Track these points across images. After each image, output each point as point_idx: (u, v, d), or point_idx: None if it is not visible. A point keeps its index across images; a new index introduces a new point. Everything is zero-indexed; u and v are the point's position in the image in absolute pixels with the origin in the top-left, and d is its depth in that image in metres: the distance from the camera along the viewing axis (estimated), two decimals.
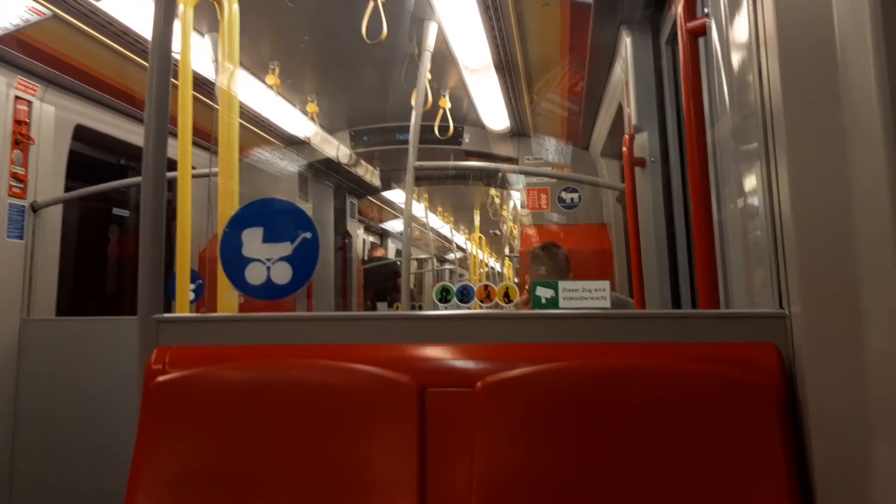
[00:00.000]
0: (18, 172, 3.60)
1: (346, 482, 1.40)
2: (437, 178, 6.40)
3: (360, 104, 5.51)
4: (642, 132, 3.10)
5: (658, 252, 2.97)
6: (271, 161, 5.78)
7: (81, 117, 4.05)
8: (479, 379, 1.41)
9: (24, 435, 3.47)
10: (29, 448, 3.46)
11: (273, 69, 4.28)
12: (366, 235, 9.25)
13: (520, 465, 1.34)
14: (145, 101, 1.74)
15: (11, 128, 3.56)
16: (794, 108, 1.27)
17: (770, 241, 1.39)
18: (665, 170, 3.06)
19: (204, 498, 1.43)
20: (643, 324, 1.53)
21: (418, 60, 3.66)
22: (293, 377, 1.52)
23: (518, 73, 4.33)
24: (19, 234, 3.60)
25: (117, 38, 3.68)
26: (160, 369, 1.59)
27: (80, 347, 3.49)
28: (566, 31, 3.71)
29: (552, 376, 1.40)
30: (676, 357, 1.44)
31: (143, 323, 1.71)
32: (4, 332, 3.49)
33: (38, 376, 3.52)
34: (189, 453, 1.48)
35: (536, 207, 4.87)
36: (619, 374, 1.40)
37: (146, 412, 1.54)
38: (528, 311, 1.70)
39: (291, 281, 1.85)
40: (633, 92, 3.14)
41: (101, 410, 3.34)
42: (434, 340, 1.56)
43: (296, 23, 3.91)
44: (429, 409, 1.43)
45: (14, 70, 3.58)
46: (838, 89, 1.21)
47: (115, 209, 4.99)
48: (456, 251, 10.43)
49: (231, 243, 1.88)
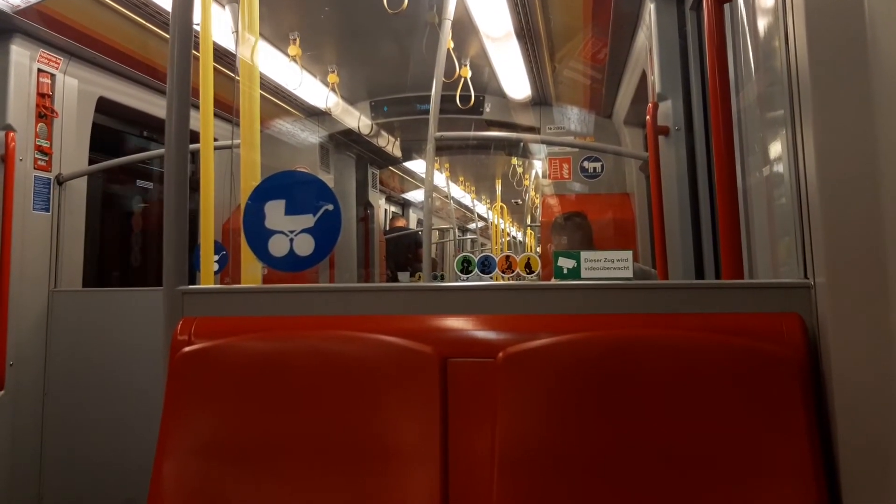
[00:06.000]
0: (43, 145, 3.64)
1: (368, 451, 1.42)
2: (458, 147, 6.39)
3: (380, 74, 5.49)
4: (666, 100, 3.06)
5: (681, 222, 2.95)
6: (292, 132, 5.79)
7: (104, 90, 4.07)
8: (500, 350, 1.42)
9: (52, 404, 3.55)
10: (57, 417, 3.54)
11: (294, 39, 4.26)
12: (387, 206, 9.26)
13: (541, 435, 1.35)
14: (167, 74, 1.74)
15: (35, 101, 3.59)
16: (821, 74, 1.25)
17: (795, 210, 1.37)
18: (689, 138, 3.02)
19: (230, 466, 1.46)
20: (666, 294, 1.52)
21: (439, 29, 3.63)
22: (316, 348, 1.54)
23: (540, 41, 4.28)
24: (45, 207, 3.65)
25: (138, 10, 3.68)
26: (186, 340, 1.62)
27: (106, 318, 3.55)
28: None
29: (574, 347, 1.40)
30: (699, 328, 1.43)
31: (169, 295, 1.73)
32: (33, 304, 3.55)
33: (65, 346, 3.58)
34: (214, 423, 1.51)
35: (558, 177, 4.83)
36: (641, 346, 1.39)
37: (172, 383, 1.56)
38: (549, 283, 1.70)
39: (314, 253, 1.87)
40: (657, 59, 3.10)
41: (127, 380, 3.40)
42: (456, 312, 1.57)
43: None
44: (451, 379, 1.44)
45: (36, 43, 3.60)
46: (866, 55, 1.18)
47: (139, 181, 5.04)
48: (477, 221, 10.42)
49: (254, 216, 1.89)
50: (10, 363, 3.36)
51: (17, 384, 3.41)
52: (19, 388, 3.42)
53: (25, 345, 3.48)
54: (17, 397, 3.41)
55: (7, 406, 3.36)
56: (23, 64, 3.52)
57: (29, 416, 3.48)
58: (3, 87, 3.46)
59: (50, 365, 3.58)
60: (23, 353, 3.45)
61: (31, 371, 3.51)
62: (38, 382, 3.54)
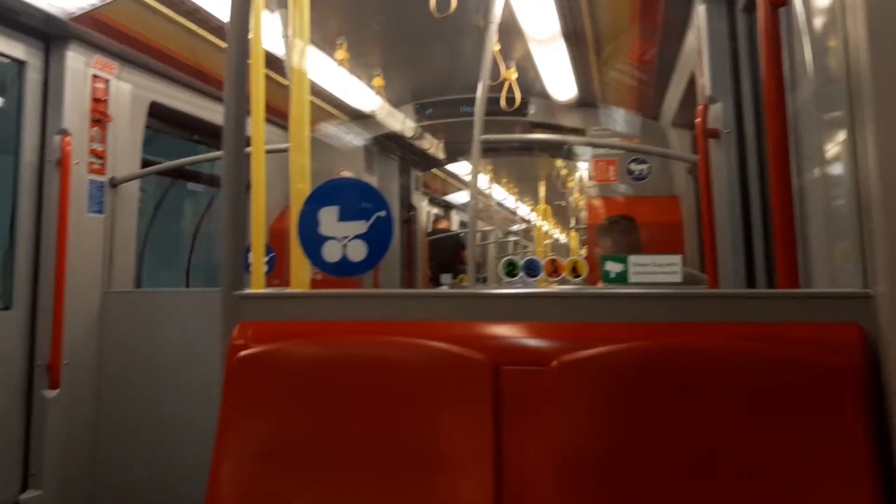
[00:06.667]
0: (97, 149, 3.73)
1: (420, 457, 1.42)
2: (501, 149, 6.36)
3: (424, 77, 5.51)
4: (717, 102, 3.02)
5: (732, 226, 2.89)
6: (337, 135, 5.83)
7: (156, 94, 4.16)
8: (553, 358, 1.41)
9: (104, 403, 3.62)
10: (109, 415, 3.60)
11: (340, 44, 4.30)
12: (430, 208, 9.28)
13: (597, 445, 1.34)
14: (224, 81, 1.77)
15: (90, 106, 3.68)
16: (882, 74, 1.21)
17: (854, 215, 1.34)
18: (740, 141, 2.97)
19: (284, 470, 1.48)
20: (719, 303, 1.50)
21: (484, 32, 3.62)
22: (369, 353, 1.55)
23: (586, 43, 4.25)
24: (99, 209, 3.73)
25: (189, 16, 3.76)
26: (242, 344, 1.64)
27: (157, 318, 3.61)
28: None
29: (628, 357, 1.39)
30: (753, 337, 1.41)
31: (226, 299, 1.76)
32: (87, 304, 3.63)
33: (117, 346, 3.65)
34: (269, 426, 1.53)
35: (604, 179, 4.79)
36: (695, 356, 1.37)
37: (229, 386, 1.59)
38: (599, 290, 1.69)
39: (367, 258, 1.89)
40: (708, 61, 3.05)
41: (176, 380, 3.45)
42: (506, 319, 1.57)
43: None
44: (503, 387, 1.44)
45: (91, 49, 3.69)
46: None
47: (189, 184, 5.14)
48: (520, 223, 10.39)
49: (308, 221, 1.92)
50: (65, 362, 3.44)
51: (72, 383, 3.49)
52: (73, 387, 3.50)
53: (79, 344, 3.55)
54: (72, 396, 3.49)
55: (62, 404, 3.45)
56: (78, 70, 3.61)
57: (82, 414, 3.56)
58: (60, 92, 3.55)
59: (102, 364, 3.65)
60: (77, 353, 3.53)
61: (85, 370, 3.59)
62: (91, 381, 3.61)
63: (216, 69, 4.26)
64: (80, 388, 3.55)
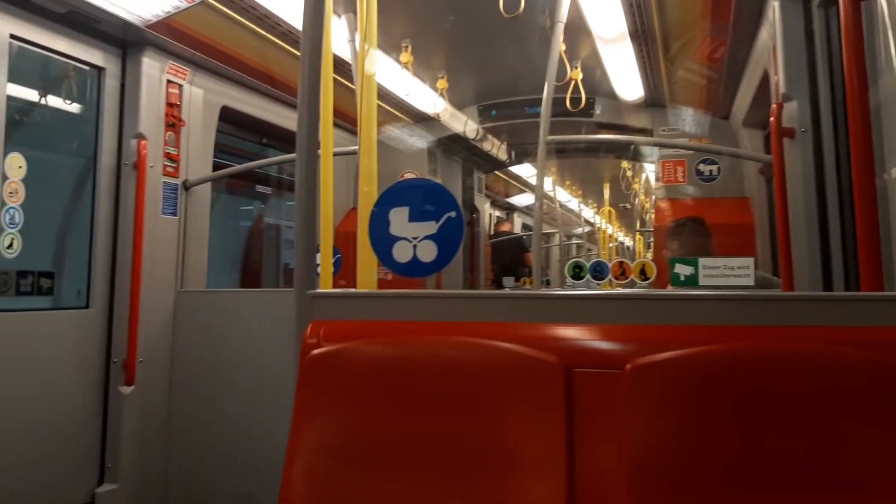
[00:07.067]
0: (171, 153, 3.84)
1: (491, 459, 1.42)
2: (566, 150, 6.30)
3: (488, 79, 5.50)
4: (791, 101, 2.93)
5: (808, 228, 2.80)
6: (401, 137, 5.88)
7: (227, 99, 4.26)
8: (626, 361, 1.39)
9: (176, 400, 3.73)
10: (181, 412, 3.70)
11: (406, 47, 4.33)
12: (492, 210, 9.26)
13: (671, 449, 1.31)
14: (298, 87, 1.80)
15: (164, 111, 3.80)
16: None
17: None
18: (816, 140, 2.87)
19: (356, 469, 1.49)
20: (797, 306, 1.46)
21: (550, 33, 3.60)
22: (439, 354, 1.55)
23: (654, 41, 4.18)
24: (173, 211, 3.85)
25: (260, 22, 3.84)
26: (315, 343, 1.67)
27: (228, 318, 3.69)
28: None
29: (704, 360, 1.35)
30: (832, 342, 1.36)
31: (300, 298, 1.78)
32: (161, 304, 3.74)
33: (189, 345, 3.76)
34: (341, 425, 1.54)
35: (672, 180, 4.70)
36: (772, 360, 1.33)
37: (302, 384, 1.61)
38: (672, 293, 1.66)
39: (437, 259, 1.90)
40: (782, 58, 2.96)
41: (246, 378, 3.52)
42: (577, 321, 1.55)
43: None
44: (575, 389, 1.42)
45: (166, 55, 3.80)
46: None
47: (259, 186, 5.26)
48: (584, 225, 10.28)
49: (379, 222, 1.94)
50: (140, 360, 3.55)
51: (146, 381, 3.60)
52: (148, 385, 3.61)
53: (154, 343, 3.66)
54: (146, 393, 3.60)
55: (137, 401, 3.56)
56: (153, 76, 3.73)
57: (156, 410, 3.66)
58: (136, 97, 3.68)
59: (175, 362, 3.76)
60: (151, 351, 3.64)
61: (159, 368, 3.70)
62: (164, 379, 3.72)
63: (285, 73, 4.34)
64: (154, 384, 3.66)
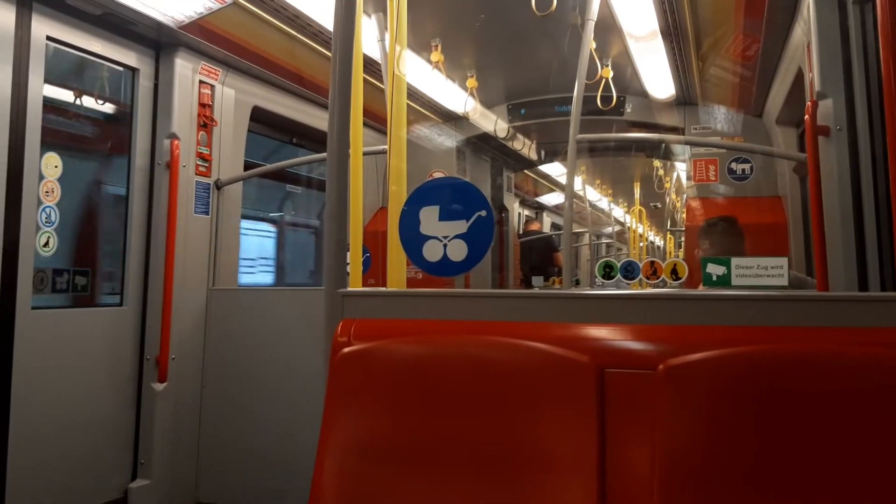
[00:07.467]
0: (204, 153, 3.89)
1: (522, 459, 1.42)
2: (597, 149, 6.27)
3: (518, 77, 5.49)
4: (826, 99, 2.88)
5: (843, 228, 2.75)
6: (429, 136, 5.88)
7: (258, 99, 4.30)
8: (659, 361, 1.37)
9: (208, 396, 3.78)
10: (212, 409, 3.76)
11: (435, 46, 4.33)
12: (521, 209, 9.23)
13: (705, 451, 1.30)
14: (329, 88, 1.81)
15: (197, 111, 3.85)
16: None
17: None
18: (852, 139, 2.82)
19: (387, 468, 1.50)
20: (834, 306, 1.43)
21: (581, 31, 3.58)
22: (470, 353, 1.56)
23: (686, 39, 4.14)
24: (205, 210, 3.90)
25: (290, 22, 3.87)
26: (345, 341, 1.68)
27: (259, 315, 3.74)
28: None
29: (738, 361, 1.34)
30: (869, 343, 1.34)
31: (330, 297, 1.80)
32: (194, 301, 3.79)
33: (221, 342, 3.81)
34: (372, 423, 1.55)
35: (704, 179, 4.63)
36: (808, 361, 1.32)
37: (333, 382, 1.62)
38: (706, 293, 1.64)
39: (467, 258, 1.90)
40: (817, 55, 2.92)
41: (276, 375, 3.57)
42: (609, 321, 1.54)
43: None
44: (608, 389, 1.41)
45: (198, 56, 3.85)
46: None
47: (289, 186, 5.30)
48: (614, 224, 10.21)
49: (409, 221, 1.94)
50: (173, 357, 3.60)
51: (179, 377, 3.66)
52: (180, 381, 3.66)
53: (186, 340, 3.72)
54: (179, 390, 3.65)
55: (169, 397, 3.61)
56: (186, 76, 3.78)
57: (188, 407, 3.72)
58: (169, 98, 3.73)
59: (207, 359, 3.81)
60: (183, 348, 3.69)
61: (191, 365, 3.75)
62: (196, 376, 3.77)
63: (315, 73, 4.37)
64: (186, 381, 3.71)
